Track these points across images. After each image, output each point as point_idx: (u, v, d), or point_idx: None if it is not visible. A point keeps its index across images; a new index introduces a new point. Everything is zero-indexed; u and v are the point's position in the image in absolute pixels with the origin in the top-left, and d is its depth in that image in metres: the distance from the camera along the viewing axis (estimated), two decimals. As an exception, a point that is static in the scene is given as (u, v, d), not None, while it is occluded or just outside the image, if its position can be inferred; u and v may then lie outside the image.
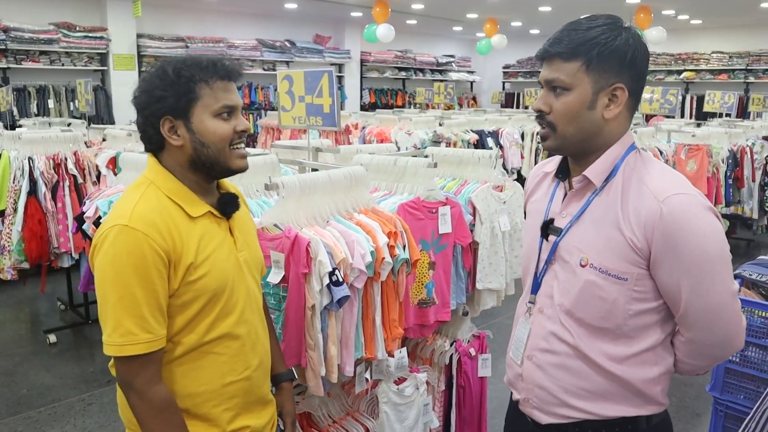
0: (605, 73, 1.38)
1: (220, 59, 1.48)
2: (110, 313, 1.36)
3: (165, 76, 1.43)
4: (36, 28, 8.24)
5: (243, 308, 1.53)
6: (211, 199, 1.54)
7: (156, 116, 1.44)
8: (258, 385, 1.61)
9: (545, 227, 1.54)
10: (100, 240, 1.39)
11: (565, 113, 1.41)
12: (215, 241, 1.49)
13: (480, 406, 2.87)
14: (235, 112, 1.50)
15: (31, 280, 5.16)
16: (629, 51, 1.38)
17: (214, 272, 1.46)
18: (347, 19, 12.08)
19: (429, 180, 2.51)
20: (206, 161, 1.47)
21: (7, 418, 3.58)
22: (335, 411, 2.37)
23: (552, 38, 1.43)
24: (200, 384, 1.49)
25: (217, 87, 1.45)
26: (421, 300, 2.49)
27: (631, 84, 1.41)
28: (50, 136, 4.59)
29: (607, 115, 1.41)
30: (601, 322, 1.43)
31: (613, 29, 1.39)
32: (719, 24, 12.44)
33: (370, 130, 6.95)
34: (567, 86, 1.40)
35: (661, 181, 1.39)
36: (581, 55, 1.38)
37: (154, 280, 1.37)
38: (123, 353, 1.37)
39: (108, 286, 1.36)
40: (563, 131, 1.43)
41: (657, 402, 1.49)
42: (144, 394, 1.40)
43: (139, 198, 1.43)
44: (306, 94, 2.73)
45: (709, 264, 1.35)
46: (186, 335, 1.45)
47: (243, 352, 1.54)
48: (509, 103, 15.41)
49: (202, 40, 9.98)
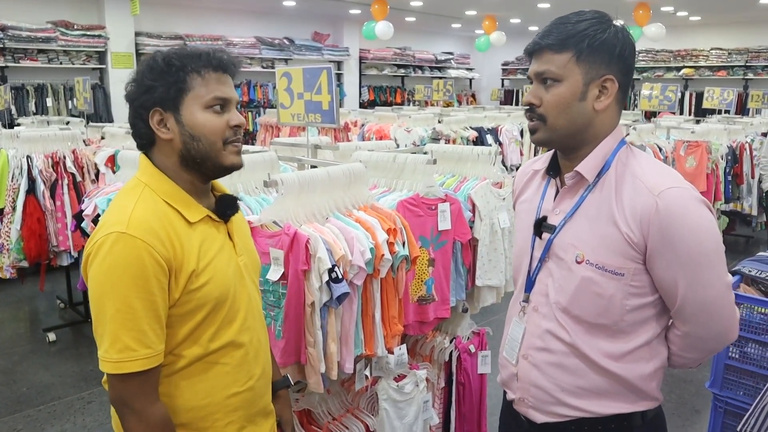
0: (595, 64, 1.39)
1: (215, 50, 1.40)
2: (107, 326, 1.28)
3: (155, 65, 1.36)
4: (34, 27, 8.22)
5: (245, 315, 1.47)
6: (208, 201, 1.47)
7: (145, 108, 1.37)
8: (261, 395, 1.55)
9: (538, 225, 1.53)
10: (95, 248, 1.29)
11: (556, 105, 1.41)
12: (215, 247, 1.42)
13: (480, 403, 2.87)
14: (229, 105, 1.41)
15: (30, 279, 5.17)
16: (618, 44, 1.40)
17: (217, 279, 1.39)
18: (346, 16, 12.07)
19: (428, 177, 2.51)
20: (197, 156, 1.38)
21: (7, 417, 3.57)
22: (335, 408, 2.37)
23: (541, 32, 1.44)
24: (203, 397, 1.42)
25: (209, 78, 1.37)
26: (420, 297, 2.49)
27: (620, 77, 1.42)
28: (49, 135, 4.58)
29: (597, 107, 1.42)
30: (598, 318, 1.43)
31: (602, 23, 1.41)
32: (718, 20, 12.44)
33: (369, 127, 6.94)
34: (558, 77, 1.40)
35: (654, 175, 1.40)
36: (571, 47, 1.39)
37: (154, 290, 1.29)
38: (121, 370, 1.28)
39: (104, 298, 1.28)
40: (553, 123, 1.43)
41: (652, 397, 1.50)
42: (142, 413, 1.32)
43: (136, 202, 1.34)
44: (305, 91, 2.72)
45: (705, 257, 1.35)
46: (189, 346, 1.38)
47: (246, 362, 1.48)
48: (508, 100, 15.41)
49: (200, 38, 9.97)
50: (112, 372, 1.30)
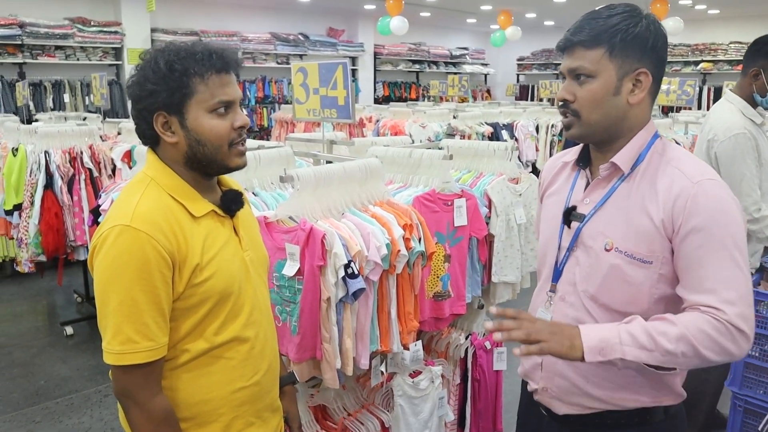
0: (628, 58, 1.40)
1: (216, 49, 1.38)
2: (110, 318, 1.29)
3: (157, 68, 1.34)
4: (51, 23, 8.28)
5: (251, 310, 1.47)
6: (213, 196, 1.47)
7: (149, 111, 1.37)
8: (267, 391, 1.55)
9: (567, 214, 1.53)
10: (100, 241, 1.31)
11: (591, 100, 1.41)
12: (220, 241, 1.42)
13: (495, 400, 2.86)
14: (233, 106, 1.41)
15: (48, 273, 5.22)
16: (650, 37, 1.40)
17: (221, 273, 1.39)
18: (360, 12, 12.05)
19: (444, 172, 2.50)
20: (203, 159, 1.39)
21: (25, 409, 3.62)
22: (350, 404, 2.37)
23: (572, 28, 1.44)
24: (208, 391, 1.42)
25: (212, 81, 1.36)
26: (436, 293, 2.48)
27: (653, 69, 1.42)
28: (66, 130, 4.61)
29: (632, 100, 1.42)
30: (626, 307, 1.43)
31: (633, 16, 1.41)
32: (737, 14, 12.27)
33: (384, 123, 6.93)
34: (591, 73, 1.41)
35: (694, 165, 1.41)
36: (604, 42, 1.39)
37: (157, 284, 1.30)
38: (122, 362, 1.30)
39: (108, 290, 1.29)
40: (588, 118, 1.43)
41: (675, 393, 1.50)
42: (144, 405, 1.33)
43: (141, 196, 1.35)
44: (320, 86, 2.72)
45: (735, 246, 1.34)
46: (193, 340, 1.39)
47: (252, 356, 1.48)
48: (524, 95, 15.32)
49: (215, 34, 10.00)
50: (114, 363, 1.31)
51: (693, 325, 1.30)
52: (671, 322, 1.31)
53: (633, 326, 1.33)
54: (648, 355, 1.30)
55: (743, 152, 2.70)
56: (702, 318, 1.30)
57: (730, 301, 1.30)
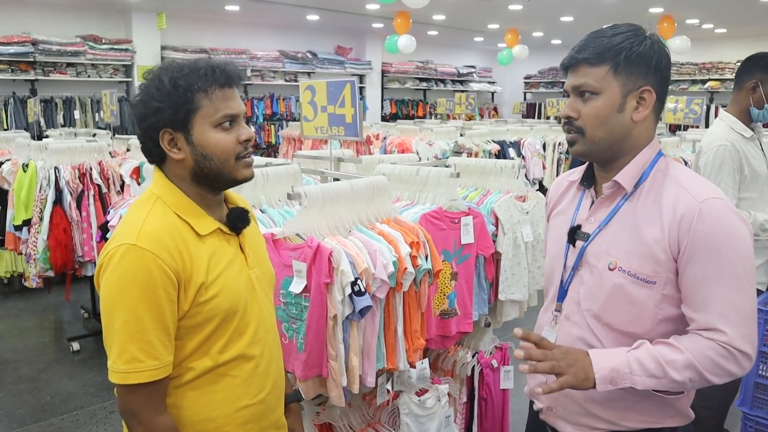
0: (633, 76, 1.41)
1: (218, 64, 1.40)
2: (115, 337, 1.29)
3: (161, 86, 1.35)
4: (63, 41, 8.40)
5: (256, 327, 1.47)
6: (219, 213, 1.47)
7: (155, 128, 1.37)
8: (272, 409, 1.55)
9: (572, 233, 1.54)
10: (106, 259, 1.31)
11: (595, 117, 1.42)
12: (226, 259, 1.42)
13: (502, 419, 2.84)
14: (238, 120, 1.41)
15: (55, 288, 5.24)
16: (654, 56, 1.41)
17: (226, 291, 1.39)
18: (368, 30, 12.15)
19: (451, 190, 2.50)
20: (209, 174, 1.40)
21: (31, 425, 3.61)
22: (356, 422, 2.35)
23: (577, 46, 1.45)
24: (213, 409, 1.42)
25: (216, 96, 1.37)
26: (443, 311, 2.47)
27: (657, 88, 1.43)
28: (76, 147, 4.65)
29: (636, 118, 1.43)
30: (629, 326, 1.42)
31: (637, 35, 1.42)
32: (744, 33, 12.29)
33: (391, 140, 6.95)
34: (595, 90, 1.42)
35: (698, 184, 1.41)
36: (608, 60, 1.40)
37: (162, 302, 1.30)
38: (127, 381, 1.30)
39: (113, 308, 1.29)
40: (592, 135, 1.44)
41: (683, 414, 1.49)
42: (148, 424, 1.34)
43: (147, 215, 1.35)
44: (328, 104, 2.73)
45: (742, 267, 1.34)
46: (198, 358, 1.39)
47: (257, 374, 1.47)
48: (531, 113, 15.35)
49: (225, 52, 10.11)
50: (118, 382, 1.32)
51: (698, 351, 1.33)
52: (678, 349, 1.34)
53: (641, 353, 1.35)
54: (656, 383, 1.35)
55: (721, 162, 2.80)
56: (707, 344, 1.33)
57: (734, 323, 1.32)
